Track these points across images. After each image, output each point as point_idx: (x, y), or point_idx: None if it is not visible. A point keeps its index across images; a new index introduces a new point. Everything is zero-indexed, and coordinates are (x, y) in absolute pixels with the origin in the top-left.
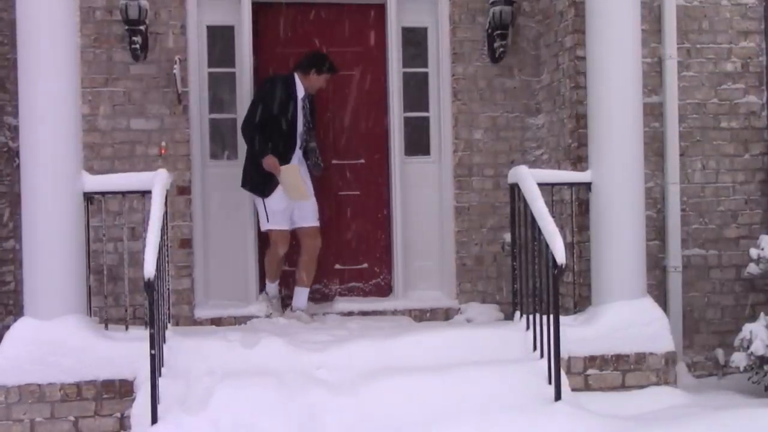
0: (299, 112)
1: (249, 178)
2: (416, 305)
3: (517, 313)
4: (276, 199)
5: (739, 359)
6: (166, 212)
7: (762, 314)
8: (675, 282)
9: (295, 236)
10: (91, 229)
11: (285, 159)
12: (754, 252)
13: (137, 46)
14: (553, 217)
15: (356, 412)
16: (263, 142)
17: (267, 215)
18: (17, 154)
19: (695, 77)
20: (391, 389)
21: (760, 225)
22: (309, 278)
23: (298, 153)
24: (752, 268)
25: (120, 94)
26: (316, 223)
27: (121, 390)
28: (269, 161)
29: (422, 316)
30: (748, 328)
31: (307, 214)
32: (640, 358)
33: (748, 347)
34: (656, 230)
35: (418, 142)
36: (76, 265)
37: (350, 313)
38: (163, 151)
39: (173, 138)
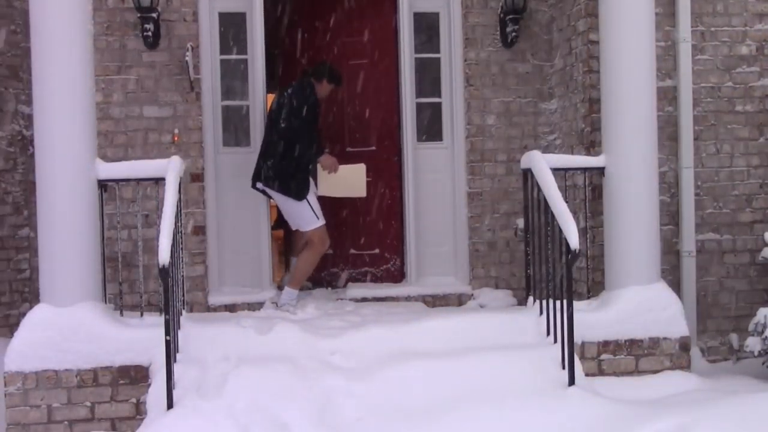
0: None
1: (291, 185)
2: (429, 291)
3: (531, 299)
4: (314, 195)
5: (753, 344)
6: (179, 199)
7: None
8: (689, 267)
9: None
10: (105, 217)
11: (314, 162)
12: None
13: (149, 33)
14: (567, 202)
15: (371, 397)
16: (315, 143)
17: (315, 213)
18: (31, 142)
19: (709, 61)
20: (406, 374)
21: None
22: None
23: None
24: (766, 253)
25: (133, 82)
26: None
27: (136, 376)
28: (330, 160)
29: (435, 301)
30: (762, 313)
31: None
32: (654, 343)
33: (762, 332)
34: (670, 215)
35: (430, 128)
36: (91, 252)
37: (363, 299)
38: (176, 139)
39: (186, 125)
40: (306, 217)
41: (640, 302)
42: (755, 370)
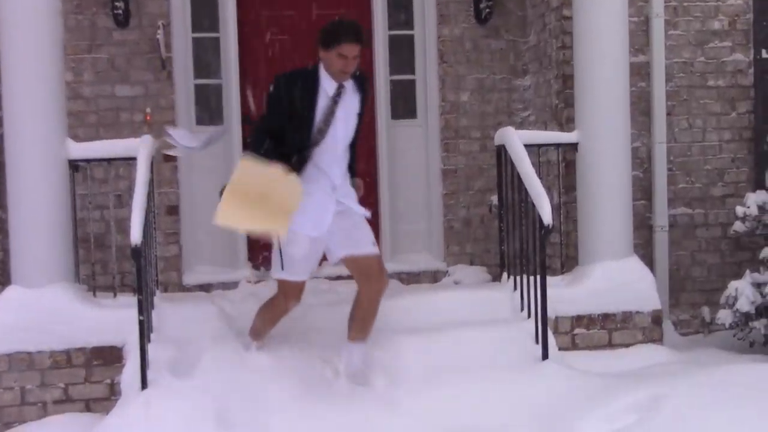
0: (317, 114)
1: None
2: (404, 268)
3: (505, 275)
4: (297, 241)
5: (724, 316)
6: (152, 179)
7: (747, 272)
8: (661, 241)
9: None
10: (77, 198)
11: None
12: (740, 210)
13: (120, 11)
14: (540, 178)
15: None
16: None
17: (282, 261)
18: (1, 122)
19: (682, 36)
20: (381, 350)
21: (746, 183)
22: (367, 329)
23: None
24: (738, 227)
25: (103, 61)
26: (376, 250)
27: (110, 356)
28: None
29: (410, 278)
30: (733, 286)
31: (360, 239)
32: (627, 316)
33: (733, 304)
34: (643, 190)
35: (404, 105)
36: (63, 233)
37: (338, 278)
38: (148, 118)
39: (158, 104)
40: (273, 254)
41: (613, 277)
42: (727, 343)
